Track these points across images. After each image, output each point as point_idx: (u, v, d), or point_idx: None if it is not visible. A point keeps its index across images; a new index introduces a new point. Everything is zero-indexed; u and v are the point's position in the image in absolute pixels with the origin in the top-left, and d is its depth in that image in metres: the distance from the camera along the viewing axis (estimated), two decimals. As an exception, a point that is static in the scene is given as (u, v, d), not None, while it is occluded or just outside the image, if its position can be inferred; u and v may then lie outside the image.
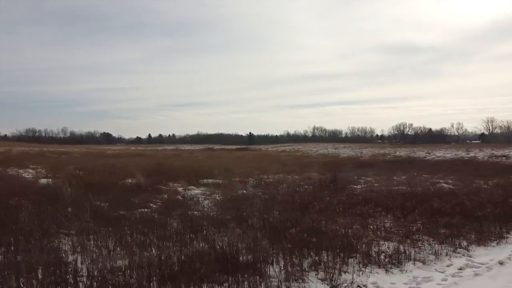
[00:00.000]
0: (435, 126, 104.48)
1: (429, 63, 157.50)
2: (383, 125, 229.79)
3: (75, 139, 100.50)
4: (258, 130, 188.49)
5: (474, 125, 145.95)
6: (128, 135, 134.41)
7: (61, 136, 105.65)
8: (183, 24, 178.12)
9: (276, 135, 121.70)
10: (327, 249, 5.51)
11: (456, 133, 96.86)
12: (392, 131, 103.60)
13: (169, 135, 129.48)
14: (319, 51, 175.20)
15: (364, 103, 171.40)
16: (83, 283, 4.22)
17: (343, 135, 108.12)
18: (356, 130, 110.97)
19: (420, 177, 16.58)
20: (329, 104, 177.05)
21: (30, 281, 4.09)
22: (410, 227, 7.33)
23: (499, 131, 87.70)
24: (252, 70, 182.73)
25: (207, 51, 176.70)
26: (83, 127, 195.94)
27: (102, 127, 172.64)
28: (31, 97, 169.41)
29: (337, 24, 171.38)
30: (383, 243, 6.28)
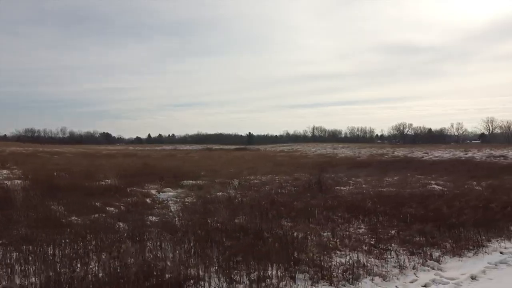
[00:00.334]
0: (435, 126, 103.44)
1: (429, 63, 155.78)
2: (383, 125, 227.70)
3: (74, 139, 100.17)
4: (258, 130, 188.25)
5: (474, 125, 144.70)
6: (128, 135, 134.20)
7: (60, 136, 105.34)
8: (183, 24, 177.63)
9: (276, 135, 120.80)
10: (277, 261, 4.94)
11: (456, 133, 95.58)
12: (392, 131, 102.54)
13: (169, 135, 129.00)
14: (319, 51, 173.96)
15: (364, 103, 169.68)
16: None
17: (343, 135, 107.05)
18: (356, 130, 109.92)
19: (412, 178, 15.99)
20: (329, 104, 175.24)
21: None
22: (384, 235, 6.74)
23: (499, 131, 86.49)
24: (252, 70, 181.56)
25: (207, 51, 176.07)
26: (83, 127, 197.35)
27: (102, 127, 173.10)
28: (31, 97, 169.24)
29: (337, 24, 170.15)
30: (347, 253, 5.70)
